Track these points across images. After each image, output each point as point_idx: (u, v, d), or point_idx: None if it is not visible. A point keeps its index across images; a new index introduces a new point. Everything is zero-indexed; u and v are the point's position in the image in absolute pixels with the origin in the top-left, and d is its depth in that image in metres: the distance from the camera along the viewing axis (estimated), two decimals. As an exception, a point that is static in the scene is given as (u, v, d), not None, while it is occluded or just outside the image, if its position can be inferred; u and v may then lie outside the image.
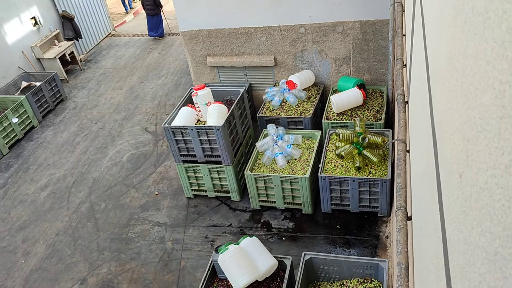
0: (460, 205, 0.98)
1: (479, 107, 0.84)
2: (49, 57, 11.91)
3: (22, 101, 9.85)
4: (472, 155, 0.88)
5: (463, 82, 1.02)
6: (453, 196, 1.08)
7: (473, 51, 0.91)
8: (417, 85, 2.48)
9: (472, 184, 0.87)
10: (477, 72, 0.86)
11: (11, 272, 6.64)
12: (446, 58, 1.31)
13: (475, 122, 0.87)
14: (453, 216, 1.08)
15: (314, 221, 6.52)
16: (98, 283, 6.21)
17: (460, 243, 0.97)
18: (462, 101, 1.02)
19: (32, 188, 8.34)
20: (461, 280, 0.94)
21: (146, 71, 12.12)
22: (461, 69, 1.05)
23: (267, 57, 8.16)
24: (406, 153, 2.90)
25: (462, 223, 0.95)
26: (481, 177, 0.80)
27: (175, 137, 6.60)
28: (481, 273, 0.76)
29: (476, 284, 0.79)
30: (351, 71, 7.94)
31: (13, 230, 7.41)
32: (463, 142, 0.99)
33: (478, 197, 0.82)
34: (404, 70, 3.90)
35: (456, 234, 1.03)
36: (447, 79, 1.29)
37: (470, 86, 0.92)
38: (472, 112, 0.90)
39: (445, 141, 1.27)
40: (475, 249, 0.81)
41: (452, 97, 1.16)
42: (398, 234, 2.38)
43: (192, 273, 6.12)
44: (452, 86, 1.17)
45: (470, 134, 0.91)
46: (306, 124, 7.37)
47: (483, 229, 0.76)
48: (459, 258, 0.97)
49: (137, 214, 7.28)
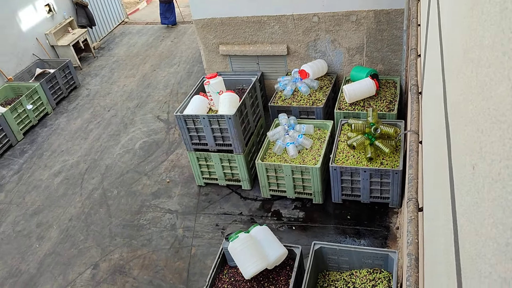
0: (472, 196, 0.98)
1: (494, 98, 0.83)
2: (63, 44, 11.98)
3: (36, 88, 9.95)
4: (486, 147, 0.88)
5: (478, 73, 1.01)
6: (466, 188, 1.08)
7: (489, 42, 0.90)
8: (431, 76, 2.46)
9: (485, 176, 0.87)
10: (493, 63, 0.85)
11: (25, 256, 6.77)
12: (462, 49, 1.30)
13: (489, 113, 0.86)
14: (465, 208, 1.07)
15: (324, 211, 6.53)
16: (110, 268, 6.31)
17: (471, 234, 0.97)
18: (477, 92, 1.01)
19: (46, 174, 8.46)
20: (471, 271, 0.94)
21: (159, 59, 12.14)
22: (476, 60, 1.04)
23: (280, 46, 8.12)
24: (418, 144, 2.88)
25: (474, 215, 0.95)
26: (494, 168, 0.79)
27: (187, 125, 6.62)
28: (492, 264, 0.76)
29: (487, 275, 0.79)
30: (364, 61, 7.87)
31: (27, 215, 7.54)
32: (476, 133, 0.98)
33: (490, 188, 0.81)
34: (418, 60, 3.86)
35: (467, 225, 1.03)
36: (462, 70, 1.28)
37: (485, 77, 0.92)
38: (486, 103, 0.90)
39: (459, 132, 1.27)
40: (487, 240, 0.82)
41: (467, 88, 1.15)
42: (409, 225, 2.38)
43: (202, 260, 6.19)
44: (467, 77, 1.16)
45: (484, 126, 0.90)
46: (318, 114, 7.35)
47: (495, 220, 0.76)
48: (470, 249, 0.97)
49: (149, 201, 7.35)
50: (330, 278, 4.98)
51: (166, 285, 5.94)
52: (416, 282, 2.09)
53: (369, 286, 4.71)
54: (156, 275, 6.10)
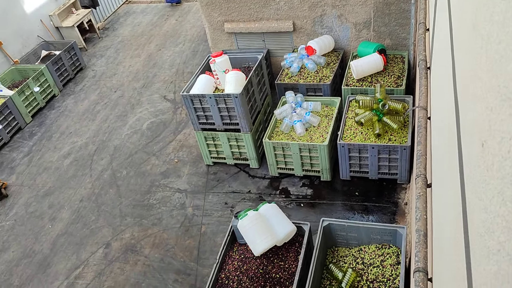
0: (481, 173, 0.98)
1: (504, 75, 0.82)
2: (67, 25, 11.92)
3: (42, 70, 9.95)
4: (495, 124, 0.87)
5: (487, 50, 1.00)
6: (474, 165, 1.08)
7: (499, 18, 0.88)
8: (440, 51, 2.43)
9: (494, 153, 0.86)
10: (503, 39, 0.84)
11: (39, 237, 6.90)
12: (471, 24, 1.28)
13: (499, 91, 0.85)
14: (474, 185, 1.07)
15: (332, 188, 6.55)
16: (121, 247, 6.42)
17: (480, 211, 0.98)
18: (486, 69, 1.00)
19: (55, 156, 8.54)
20: (480, 248, 0.95)
21: (164, 38, 12.06)
22: (486, 36, 1.02)
23: (286, 22, 8.02)
24: (427, 120, 2.86)
25: (483, 192, 0.95)
26: (504, 147, 0.79)
27: (193, 105, 6.62)
28: (501, 241, 0.77)
29: (495, 252, 0.80)
30: (371, 36, 7.76)
31: (39, 197, 7.66)
32: (486, 111, 0.97)
33: (500, 166, 0.81)
34: (426, 34, 3.80)
35: (476, 202, 1.03)
36: (471, 45, 1.26)
37: (495, 54, 0.90)
38: (496, 81, 0.89)
39: (468, 109, 1.26)
40: (495, 217, 0.82)
41: (476, 65, 1.14)
42: (417, 201, 2.39)
43: (212, 238, 6.27)
44: (476, 53, 1.15)
45: (494, 103, 0.90)
46: (325, 91, 7.30)
47: (504, 198, 0.76)
48: (479, 226, 0.98)
49: (158, 181, 7.42)
50: (339, 254, 5.04)
51: (177, 263, 6.04)
52: (424, 257, 2.11)
53: (378, 261, 4.75)
54: (167, 253, 6.20)
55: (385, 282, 4.54)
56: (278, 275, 4.78)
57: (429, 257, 2.19)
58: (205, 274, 5.81)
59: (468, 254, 1.09)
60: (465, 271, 1.10)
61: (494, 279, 0.79)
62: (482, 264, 0.91)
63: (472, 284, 1.01)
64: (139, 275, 5.99)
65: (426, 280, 2.04)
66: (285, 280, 4.73)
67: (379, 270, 4.67)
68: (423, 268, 2.08)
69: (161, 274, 5.95)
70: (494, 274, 0.79)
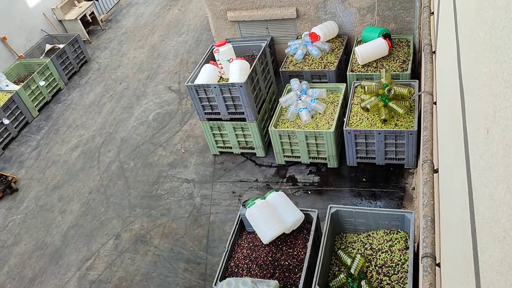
0: (487, 160, 0.98)
1: (507, 62, 0.82)
2: (70, 18, 11.92)
3: (47, 63, 9.98)
4: (500, 111, 0.87)
5: (492, 35, 0.99)
6: (480, 151, 1.08)
7: (503, 3, 0.88)
8: (445, 35, 2.40)
9: (499, 141, 0.86)
10: (507, 25, 0.83)
11: (50, 229, 6.99)
12: (475, 9, 1.27)
13: (503, 78, 0.85)
14: (479, 171, 1.07)
15: (339, 175, 6.55)
16: (131, 238, 6.49)
17: (485, 198, 0.98)
18: (491, 55, 0.99)
19: (63, 149, 8.60)
20: (486, 235, 0.95)
21: (167, 28, 12.02)
22: (490, 21, 1.02)
23: (289, 9, 7.96)
24: (432, 105, 2.85)
25: (488, 179, 0.95)
26: (508, 134, 0.79)
27: (198, 95, 6.62)
28: (506, 229, 0.77)
29: (501, 240, 0.80)
30: (375, 20, 7.68)
31: (48, 190, 7.73)
32: (490, 98, 0.97)
33: (504, 154, 0.81)
34: (431, 18, 3.76)
35: (482, 189, 1.04)
36: (475, 30, 1.25)
37: (499, 40, 0.90)
38: (500, 67, 0.88)
39: (473, 95, 1.25)
40: (501, 205, 0.82)
41: (480, 50, 1.13)
42: (424, 187, 2.39)
43: (221, 227, 6.31)
44: (481, 39, 1.14)
45: (498, 90, 0.89)
46: (330, 77, 7.26)
47: (509, 185, 0.76)
48: (485, 212, 0.98)
49: (166, 171, 7.46)
50: (347, 240, 5.06)
51: (187, 252, 6.10)
52: (432, 243, 2.12)
53: (386, 247, 4.77)
54: (177, 243, 6.26)
55: (394, 267, 4.56)
56: (287, 262, 4.82)
57: (436, 243, 2.20)
58: (214, 263, 5.87)
59: (475, 240, 1.10)
60: (472, 257, 1.10)
61: (500, 266, 0.80)
62: (488, 251, 0.91)
63: (479, 270, 1.01)
64: (150, 265, 6.06)
65: (434, 266, 2.05)
66: (294, 267, 4.76)
67: (387, 255, 4.69)
68: (431, 253, 2.09)
69: (171, 264, 6.01)
70: (500, 261, 0.80)
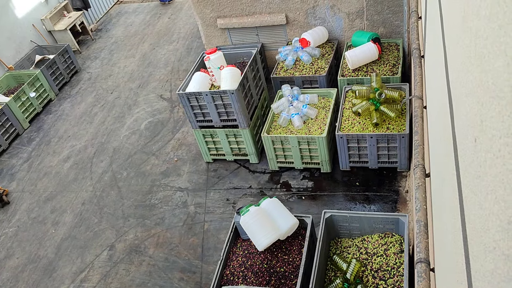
0: (475, 169, 0.98)
1: (492, 71, 0.82)
2: (60, 28, 11.87)
3: (37, 74, 9.92)
4: (486, 121, 0.87)
5: (476, 44, 0.99)
6: (469, 159, 1.08)
7: (485, 13, 0.88)
8: (433, 41, 2.42)
9: (487, 150, 0.86)
10: (490, 35, 0.83)
11: (43, 242, 6.92)
12: (460, 16, 1.27)
13: (488, 87, 0.85)
14: (469, 179, 1.07)
15: (333, 179, 6.56)
16: (126, 248, 6.44)
17: (475, 207, 0.97)
18: (476, 63, 0.99)
19: (55, 160, 8.53)
20: (477, 244, 0.95)
21: (157, 37, 12.01)
22: (474, 29, 1.02)
23: (278, 15, 7.99)
24: (423, 109, 2.86)
25: (478, 188, 0.95)
26: (495, 144, 0.79)
27: (190, 103, 6.61)
28: (496, 240, 0.76)
29: (491, 250, 0.80)
30: (365, 25, 7.73)
31: (41, 202, 7.66)
32: (477, 106, 0.97)
33: (492, 163, 0.81)
34: (419, 23, 3.78)
35: (472, 197, 1.03)
36: (461, 38, 1.25)
37: (483, 49, 0.90)
38: (485, 76, 0.88)
39: (460, 102, 1.25)
40: (490, 215, 0.82)
41: (466, 58, 1.13)
42: (416, 191, 2.39)
43: (215, 235, 6.28)
44: (466, 46, 1.14)
45: (484, 99, 0.89)
46: (321, 82, 7.28)
47: (497, 196, 0.76)
48: (476, 221, 0.98)
49: (159, 180, 7.42)
50: (342, 244, 5.05)
51: (182, 261, 6.06)
52: (426, 248, 2.12)
53: (381, 250, 4.77)
54: (171, 252, 6.22)
55: (390, 271, 4.56)
56: (282, 269, 4.80)
57: (430, 248, 2.19)
58: (210, 271, 5.83)
59: (467, 248, 1.10)
60: (464, 266, 1.10)
61: (491, 277, 0.79)
62: (480, 260, 0.91)
63: (471, 279, 1.01)
64: (145, 275, 6.01)
65: (429, 271, 2.05)
66: (290, 273, 4.75)
67: (383, 259, 4.68)
68: (424, 258, 2.09)
69: (166, 273, 5.97)
70: (491, 272, 0.79)
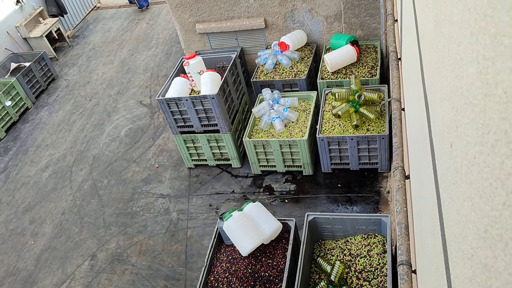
0: (452, 175, 0.98)
1: (465, 78, 0.82)
2: (36, 35, 11.66)
3: (13, 83, 9.73)
4: (461, 127, 0.86)
5: (450, 49, 0.99)
6: (446, 164, 1.08)
7: (457, 19, 0.88)
8: (408, 44, 2.44)
9: (462, 157, 0.86)
10: (462, 41, 0.83)
11: (21, 253, 6.76)
12: (434, 21, 1.28)
13: (462, 94, 0.85)
14: (446, 184, 1.07)
15: (315, 182, 6.57)
16: (108, 257, 6.33)
17: (453, 212, 0.97)
18: (450, 69, 0.99)
19: (33, 170, 8.36)
20: (455, 250, 0.94)
21: (136, 43, 11.91)
22: (447, 35, 1.02)
23: (257, 19, 7.99)
24: (401, 111, 2.88)
25: (455, 193, 0.95)
26: (470, 151, 0.78)
27: (170, 109, 6.55)
28: (473, 247, 0.76)
29: (469, 257, 0.79)
30: (343, 27, 7.79)
31: (19, 213, 7.49)
32: (452, 111, 0.97)
33: (468, 170, 0.81)
34: (395, 25, 3.82)
35: (449, 202, 1.03)
36: (435, 42, 1.26)
37: (457, 55, 0.90)
38: (459, 82, 0.88)
39: (436, 106, 1.26)
40: (467, 222, 0.81)
41: (441, 63, 1.14)
42: (397, 194, 2.40)
43: (199, 241, 6.23)
44: (440, 51, 1.14)
45: (459, 105, 0.89)
46: (301, 85, 7.30)
47: (474, 204, 0.76)
48: (453, 227, 0.97)
49: (140, 187, 7.33)
50: (326, 247, 5.06)
51: (165, 269, 5.99)
52: (407, 250, 2.13)
53: (365, 251, 4.79)
54: (155, 260, 6.14)
55: (373, 272, 4.58)
56: (267, 274, 4.78)
57: (411, 250, 2.20)
58: (194, 278, 5.78)
59: (446, 254, 1.09)
60: (444, 270, 1.10)
61: (470, 284, 0.79)
62: (458, 266, 0.91)
63: (451, 284, 1.01)
64: (128, 284, 5.92)
65: (411, 273, 2.06)
66: (274, 277, 4.73)
67: (366, 260, 4.70)
68: (406, 261, 2.09)
69: (150, 282, 5.89)
70: (469, 279, 0.79)
